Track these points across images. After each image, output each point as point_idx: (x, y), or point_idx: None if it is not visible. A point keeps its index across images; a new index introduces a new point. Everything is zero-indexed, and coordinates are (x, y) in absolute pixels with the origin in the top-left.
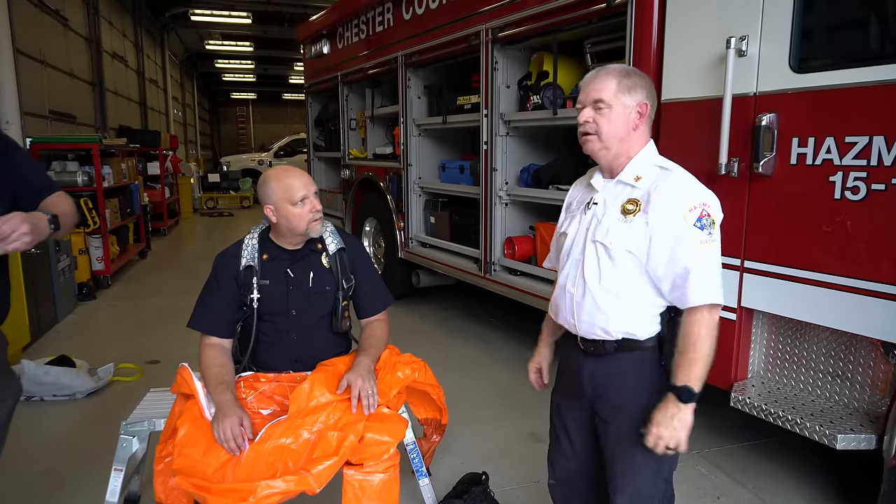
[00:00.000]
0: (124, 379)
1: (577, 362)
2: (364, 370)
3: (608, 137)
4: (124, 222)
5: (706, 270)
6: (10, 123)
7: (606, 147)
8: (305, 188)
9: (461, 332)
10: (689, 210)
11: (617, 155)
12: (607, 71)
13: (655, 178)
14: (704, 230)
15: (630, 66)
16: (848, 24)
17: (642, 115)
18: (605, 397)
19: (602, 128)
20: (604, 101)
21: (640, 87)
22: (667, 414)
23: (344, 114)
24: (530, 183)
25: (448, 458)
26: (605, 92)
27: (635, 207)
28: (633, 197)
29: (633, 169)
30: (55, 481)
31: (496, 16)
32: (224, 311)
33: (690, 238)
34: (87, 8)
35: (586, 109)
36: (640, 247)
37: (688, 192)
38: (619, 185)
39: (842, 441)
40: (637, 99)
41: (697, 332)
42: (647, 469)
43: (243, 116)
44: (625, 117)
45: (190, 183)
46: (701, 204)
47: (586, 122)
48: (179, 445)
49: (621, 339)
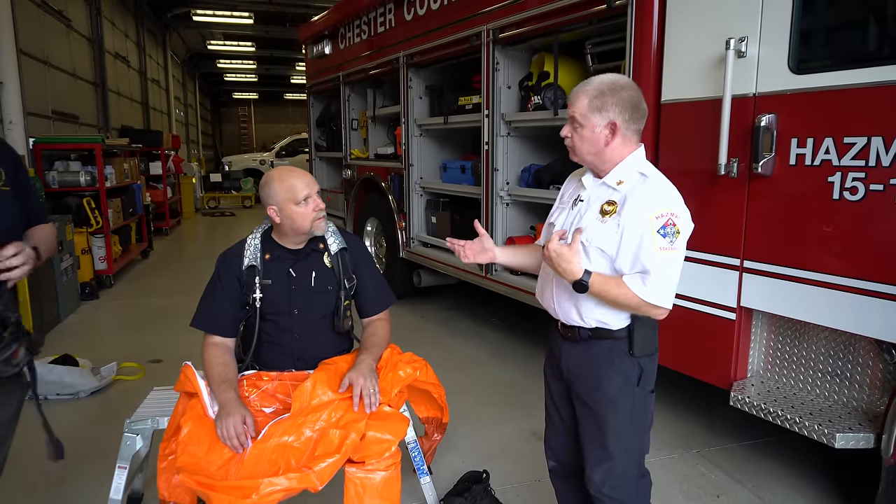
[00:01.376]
0: (127, 378)
1: (557, 345)
2: (366, 369)
3: (581, 152)
4: (127, 222)
5: (662, 276)
6: (13, 124)
7: (582, 159)
8: (308, 187)
9: (462, 331)
10: (655, 217)
11: (595, 164)
12: (584, 88)
13: (634, 184)
14: (667, 238)
15: (630, 69)
16: (846, 26)
17: (614, 133)
18: (578, 379)
19: (575, 143)
20: (576, 120)
21: (612, 105)
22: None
23: (346, 114)
24: (531, 183)
25: (449, 456)
26: (577, 110)
27: (612, 209)
28: (612, 199)
29: (616, 173)
30: (59, 479)
31: (497, 17)
32: (227, 311)
33: (652, 243)
34: (89, 8)
35: (567, 124)
36: (610, 246)
37: (658, 199)
38: (603, 187)
39: (840, 440)
40: (607, 118)
41: (625, 294)
42: (619, 448)
43: (245, 116)
44: (594, 136)
45: (192, 183)
46: (668, 213)
47: (565, 137)
48: (183, 443)
49: (594, 327)
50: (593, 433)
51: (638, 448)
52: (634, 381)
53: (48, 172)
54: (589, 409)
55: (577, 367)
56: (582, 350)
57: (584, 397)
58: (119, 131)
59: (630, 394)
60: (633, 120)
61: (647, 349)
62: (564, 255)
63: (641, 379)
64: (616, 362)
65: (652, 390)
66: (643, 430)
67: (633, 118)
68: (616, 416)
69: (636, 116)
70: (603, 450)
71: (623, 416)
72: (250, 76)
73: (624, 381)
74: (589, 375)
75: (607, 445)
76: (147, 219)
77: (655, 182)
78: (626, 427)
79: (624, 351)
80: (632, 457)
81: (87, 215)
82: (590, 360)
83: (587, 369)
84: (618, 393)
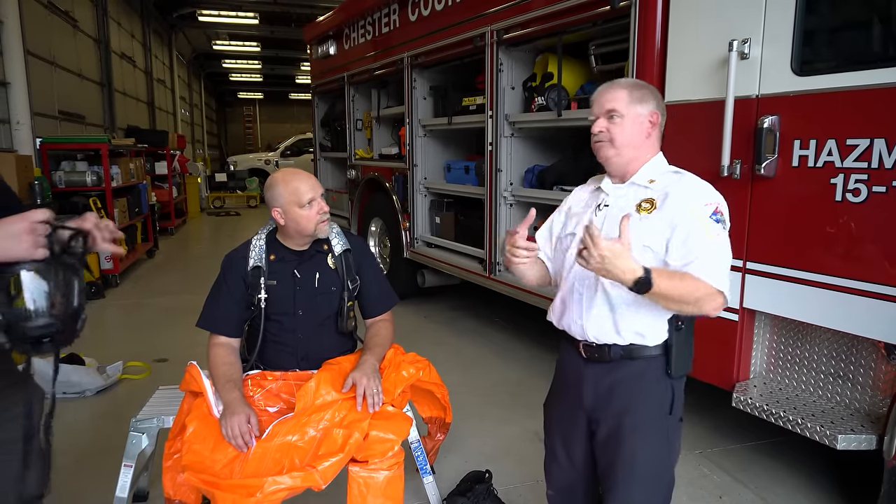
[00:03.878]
0: (133, 377)
1: (577, 371)
2: (369, 369)
3: (621, 144)
4: (132, 222)
5: (720, 261)
6: (20, 124)
7: (619, 153)
8: (313, 191)
9: (466, 331)
10: (704, 205)
11: (629, 161)
12: (618, 83)
13: (670, 181)
14: (719, 223)
15: (633, 70)
16: (849, 27)
17: (654, 124)
18: (608, 405)
19: (616, 136)
20: (617, 111)
21: (651, 98)
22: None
23: (350, 114)
24: (535, 184)
25: (452, 456)
26: (618, 102)
27: (651, 206)
28: (649, 197)
29: (645, 173)
30: (67, 476)
31: (501, 18)
32: (232, 311)
33: (704, 228)
34: (96, 9)
35: (600, 120)
36: (656, 241)
37: (704, 190)
38: (633, 187)
39: (842, 441)
40: (649, 108)
41: (695, 285)
42: (648, 477)
43: (250, 116)
44: (637, 125)
45: (197, 182)
46: (715, 202)
47: (600, 132)
48: (188, 442)
49: (629, 344)
50: (617, 466)
51: (666, 483)
52: (667, 409)
53: (55, 172)
54: (615, 439)
55: (605, 392)
56: (610, 372)
57: (611, 426)
58: (125, 131)
59: (662, 423)
60: (663, 119)
61: (685, 367)
62: (619, 251)
63: (673, 406)
64: (650, 386)
65: (681, 419)
66: (671, 463)
67: (664, 116)
68: (646, 448)
69: (664, 116)
70: (628, 485)
71: (652, 447)
72: (255, 76)
73: (657, 409)
74: (618, 401)
75: (633, 480)
76: (153, 218)
77: (693, 177)
78: (655, 460)
79: (659, 372)
80: (659, 492)
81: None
82: (620, 385)
83: (617, 395)
84: (650, 422)
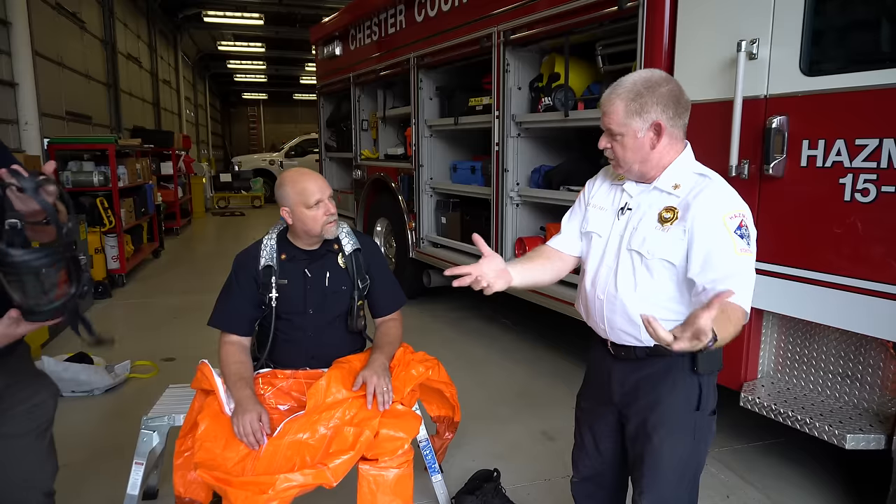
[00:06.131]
0: (140, 376)
1: (605, 366)
2: (379, 367)
3: (626, 162)
4: (139, 221)
5: (745, 279)
6: (28, 124)
7: (629, 170)
8: (320, 192)
9: (472, 331)
10: (729, 218)
11: (643, 172)
12: (617, 93)
13: (694, 186)
14: (744, 239)
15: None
16: (858, 28)
17: (659, 134)
18: (635, 401)
19: (618, 154)
20: (614, 131)
21: (652, 105)
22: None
23: (356, 114)
24: (541, 184)
25: (460, 455)
26: (614, 120)
27: (672, 216)
28: (670, 205)
29: (670, 176)
30: (77, 475)
31: (508, 18)
32: (243, 310)
33: (731, 245)
34: (102, 10)
35: (604, 136)
36: (676, 255)
37: (728, 200)
38: (656, 192)
39: (851, 441)
40: (650, 119)
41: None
42: (673, 471)
43: (254, 117)
44: (638, 142)
45: (202, 183)
46: (740, 214)
47: (605, 149)
48: (200, 440)
49: (654, 345)
50: (645, 458)
51: (692, 474)
52: (694, 404)
53: (62, 172)
54: (644, 433)
55: (632, 388)
56: (638, 369)
57: (640, 421)
58: (131, 132)
59: (689, 418)
60: (678, 115)
61: (713, 364)
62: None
63: (701, 401)
64: (677, 382)
65: (713, 411)
66: (700, 456)
67: (677, 114)
68: (672, 443)
69: (680, 111)
70: (654, 477)
71: (680, 442)
72: (260, 77)
73: (684, 404)
74: (646, 397)
75: (659, 472)
76: (158, 218)
77: (719, 182)
78: (681, 454)
79: (686, 369)
80: (685, 484)
81: (100, 215)
82: (647, 381)
83: (644, 390)
84: (677, 417)
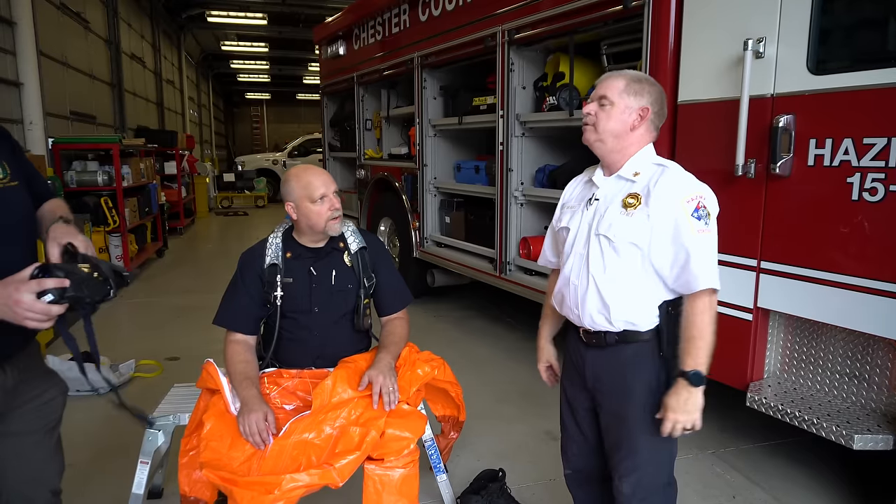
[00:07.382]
0: (145, 375)
1: (579, 353)
2: (385, 367)
3: (603, 131)
4: (142, 221)
5: (704, 256)
6: (33, 124)
7: (601, 139)
8: (325, 186)
9: (476, 331)
10: (686, 201)
11: (612, 150)
12: (622, 73)
13: (653, 174)
14: (701, 220)
15: (647, 70)
16: (866, 26)
17: (643, 119)
18: (605, 387)
19: (600, 122)
20: (607, 98)
21: (647, 94)
22: (679, 399)
23: (359, 114)
24: (546, 183)
25: (465, 454)
26: (612, 90)
27: (636, 201)
28: (633, 191)
29: (631, 166)
30: (82, 473)
31: (512, 17)
32: (249, 309)
33: (689, 226)
34: (106, 10)
35: (591, 104)
36: (642, 238)
37: (684, 185)
38: (619, 181)
39: (859, 441)
40: (641, 103)
41: (702, 320)
42: (649, 452)
43: (258, 116)
44: (624, 116)
45: (205, 182)
46: (697, 196)
47: (588, 115)
48: (206, 439)
49: (623, 330)
50: (621, 443)
51: (667, 456)
52: (662, 386)
53: (67, 172)
54: (617, 418)
55: (603, 374)
56: (608, 356)
57: (612, 406)
58: (135, 131)
59: (658, 397)
60: (660, 115)
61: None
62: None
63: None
64: (645, 366)
65: None
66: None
67: (660, 113)
68: (644, 424)
69: (663, 113)
70: (632, 460)
71: (653, 424)
72: (263, 77)
73: (654, 386)
74: (616, 382)
75: (636, 455)
76: (162, 218)
77: (676, 169)
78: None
79: (652, 353)
80: (661, 465)
81: (104, 214)
82: (617, 366)
83: (614, 376)
84: (646, 399)
